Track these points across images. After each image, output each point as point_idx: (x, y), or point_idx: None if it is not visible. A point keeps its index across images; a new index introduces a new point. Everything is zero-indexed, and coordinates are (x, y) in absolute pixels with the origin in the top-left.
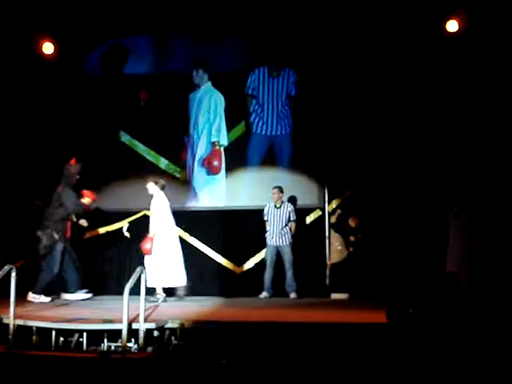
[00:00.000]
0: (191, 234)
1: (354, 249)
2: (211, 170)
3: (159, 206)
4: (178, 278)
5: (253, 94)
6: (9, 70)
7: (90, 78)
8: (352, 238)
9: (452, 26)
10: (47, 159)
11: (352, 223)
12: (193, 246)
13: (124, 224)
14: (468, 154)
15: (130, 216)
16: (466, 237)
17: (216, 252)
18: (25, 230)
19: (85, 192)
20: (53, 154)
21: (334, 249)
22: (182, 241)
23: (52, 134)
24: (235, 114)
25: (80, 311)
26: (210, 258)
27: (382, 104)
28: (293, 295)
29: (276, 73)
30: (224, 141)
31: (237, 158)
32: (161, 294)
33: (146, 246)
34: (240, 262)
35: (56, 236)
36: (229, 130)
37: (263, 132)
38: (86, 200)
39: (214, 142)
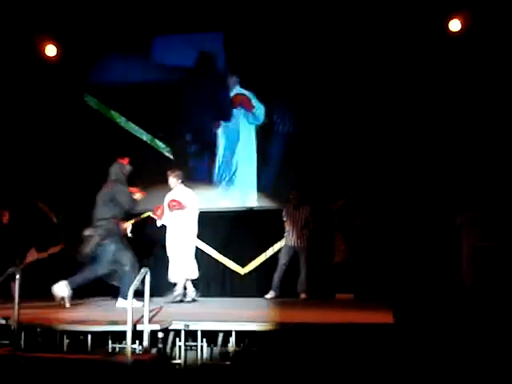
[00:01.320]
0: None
1: (358, 249)
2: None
3: (188, 198)
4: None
5: None
6: (9, 72)
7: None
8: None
9: (455, 25)
10: (49, 161)
11: (356, 222)
12: (197, 246)
13: (128, 225)
14: (471, 155)
15: (134, 217)
16: (471, 236)
17: (219, 253)
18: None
19: (133, 189)
20: (55, 157)
21: (338, 249)
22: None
23: (53, 137)
24: None
25: (84, 313)
26: (213, 258)
27: (383, 104)
28: (303, 295)
29: None
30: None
31: None
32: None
33: (156, 211)
34: (244, 263)
35: (106, 236)
36: None
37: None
38: (137, 196)
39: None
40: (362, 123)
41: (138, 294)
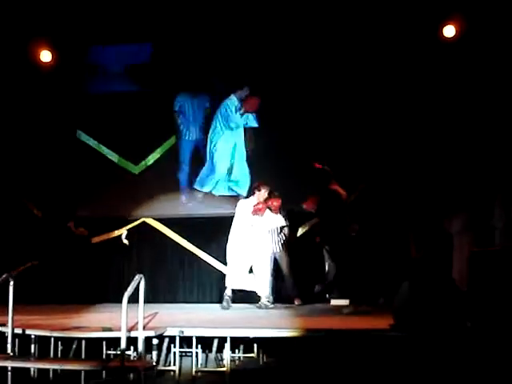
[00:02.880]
0: (190, 241)
1: (353, 255)
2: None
3: None
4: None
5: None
6: (3, 77)
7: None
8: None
9: (449, 30)
10: (44, 166)
11: (351, 229)
12: (191, 252)
13: (123, 231)
14: (464, 161)
15: (129, 223)
16: (466, 241)
17: (214, 258)
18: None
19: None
20: (50, 163)
21: None
22: (183, 248)
23: (48, 143)
24: None
25: (79, 319)
26: (208, 264)
27: (378, 109)
28: (297, 301)
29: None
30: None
31: None
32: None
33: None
34: None
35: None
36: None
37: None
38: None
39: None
40: (352, 130)
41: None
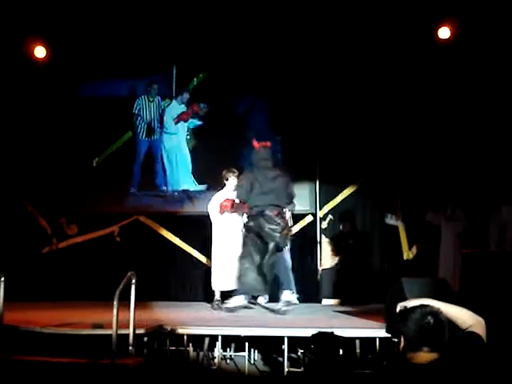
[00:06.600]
0: (183, 240)
1: (345, 254)
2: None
3: None
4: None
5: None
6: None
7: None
8: (343, 244)
9: (444, 32)
10: (38, 162)
11: (343, 228)
12: (184, 250)
13: (116, 229)
14: (459, 158)
15: (122, 221)
16: (459, 242)
17: (208, 258)
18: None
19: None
20: (45, 159)
21: (325, 254)
22: (175, 246)
23: (42, 138)
24: None
25: (70, 316)
26: (200, 262)
27: (372, 109)
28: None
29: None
30: None
31: None
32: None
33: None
34: None
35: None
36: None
37: None
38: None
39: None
40: (349, 126)
41: None
